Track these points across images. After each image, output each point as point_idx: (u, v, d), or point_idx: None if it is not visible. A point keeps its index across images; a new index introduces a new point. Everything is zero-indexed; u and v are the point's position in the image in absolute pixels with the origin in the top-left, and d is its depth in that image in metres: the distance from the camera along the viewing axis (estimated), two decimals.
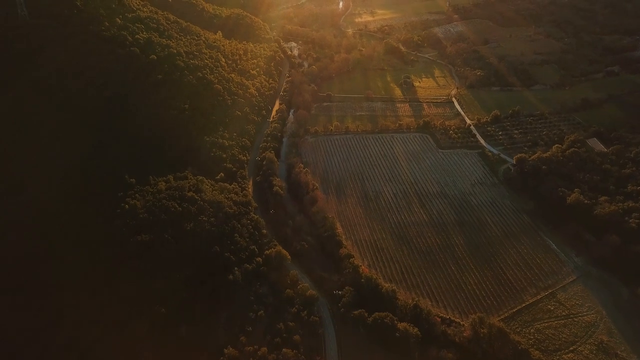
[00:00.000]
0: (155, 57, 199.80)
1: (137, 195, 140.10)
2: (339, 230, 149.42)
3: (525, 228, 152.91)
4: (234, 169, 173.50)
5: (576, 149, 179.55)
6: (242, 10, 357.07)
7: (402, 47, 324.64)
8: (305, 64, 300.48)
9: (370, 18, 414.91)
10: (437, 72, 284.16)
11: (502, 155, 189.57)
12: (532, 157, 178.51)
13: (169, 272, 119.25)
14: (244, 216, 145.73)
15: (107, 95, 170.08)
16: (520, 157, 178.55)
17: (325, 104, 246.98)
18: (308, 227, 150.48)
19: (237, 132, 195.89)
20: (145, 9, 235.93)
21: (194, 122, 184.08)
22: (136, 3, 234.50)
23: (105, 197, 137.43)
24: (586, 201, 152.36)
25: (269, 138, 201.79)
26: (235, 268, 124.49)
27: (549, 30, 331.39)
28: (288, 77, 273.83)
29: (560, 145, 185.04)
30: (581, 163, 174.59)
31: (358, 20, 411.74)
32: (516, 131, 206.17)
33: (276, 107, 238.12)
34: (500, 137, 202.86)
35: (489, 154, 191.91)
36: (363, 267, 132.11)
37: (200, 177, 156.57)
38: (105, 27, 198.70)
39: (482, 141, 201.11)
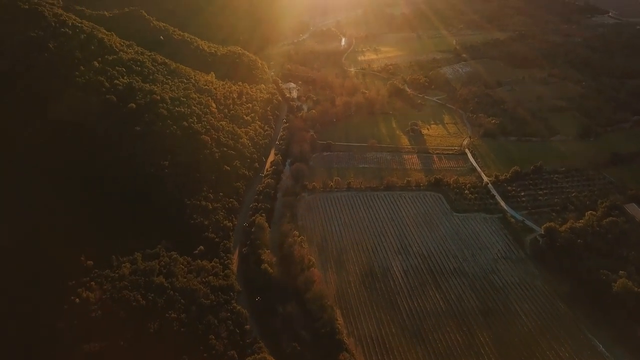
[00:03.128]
0: (134, 106, 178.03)
1: (93, 283, 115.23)
2: (340, 322, 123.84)
3: (562, 320, 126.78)
4: (217, 239, 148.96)
5: (614, 218, 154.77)
6: (240, 48, 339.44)
7: (407, 89, 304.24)
8: (305, 107, 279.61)
9: (374, 56, 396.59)
10: (446, 118, 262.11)
11: (527, 222, 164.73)
12: (563, 227, 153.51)
13: None
14: (223, 307, 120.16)
15: (71, 154, 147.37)
16: (550, 227, 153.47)
17: (325, 153, 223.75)
18: (302, 317, 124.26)
19: (224, 192, 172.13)
20: (129, 50, 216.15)
21: (173, 182, 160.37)
22: (119, 44, 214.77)
23: (54, 286, 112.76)
24: (636, 289, 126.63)
25: (261, 197, 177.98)
26: None
27: (564, 72, 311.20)
28: (285, 122, 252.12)
29: (594, 212, 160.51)
30: (622, 236, 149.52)
31: (361, 58, 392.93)
32: (540, 191, 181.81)
33: (271, 158, 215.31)
34: (523, 198, 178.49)
35: (512, 220, 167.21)
36: None
37: (175, 255, 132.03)
38: (80, 72, 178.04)
39: (502, 203, 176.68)
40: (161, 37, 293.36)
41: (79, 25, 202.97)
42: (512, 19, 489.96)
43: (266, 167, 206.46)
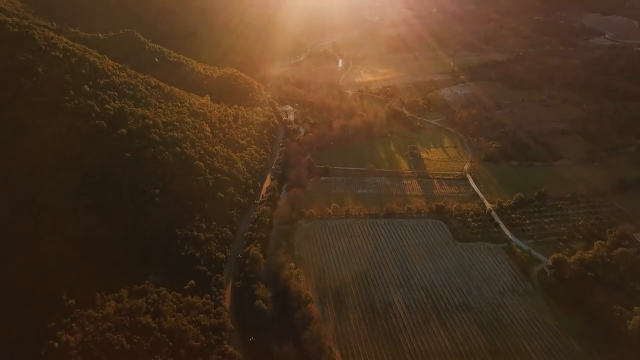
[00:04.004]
0: (125, 131, 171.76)
1: (74, 325, 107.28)
2: None
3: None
4: (209, 272, 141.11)
5: (625, 249, 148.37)
6: (236, 70, 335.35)
7: (406, 111, 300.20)
8: (302, 131, 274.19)
9: (371, 78, 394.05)
10: (446, 141, 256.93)
11: (534, 253, 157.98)
12: (572, 259, 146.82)
13: None
14: (214, 349, 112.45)
15: (55, 183, 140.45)
16: (558, 258, 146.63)
17: (322, 178, 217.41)
18: (299, 359, 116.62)
19: (218, 221, 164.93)
20: (122, 74, 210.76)
21: (164, 211, 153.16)
22: (112, 67, 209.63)
23: (31, 329, 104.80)
24: None
25: (256, 225, 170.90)
26: None
27: (564, 94, 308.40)
28: (282, 146, 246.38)
29: (603, 242, 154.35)
30: (634, 268, 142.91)
31: (358, 80, 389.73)
32: (546, 219, 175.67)
33: (267, 183, 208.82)
34: (528, 226, 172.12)
35: (518, 250, 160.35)
36: None
37: (163, 292, 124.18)
38: (69, 97, 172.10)
39: (507, 232, 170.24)
40: (156, 59, 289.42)
41: (71, 48, 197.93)
42: (508, 41, 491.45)
43: (262, 193, 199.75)
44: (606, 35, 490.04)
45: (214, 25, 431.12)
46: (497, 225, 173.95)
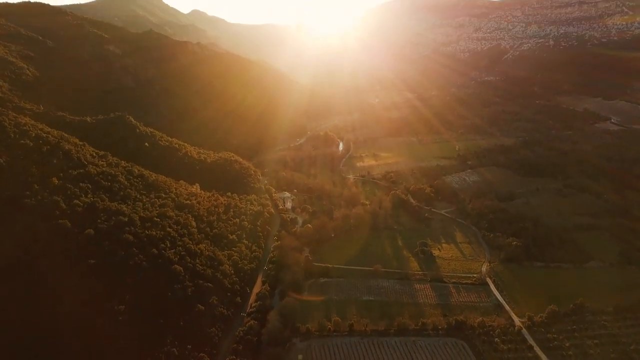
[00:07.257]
0: (92, 232, 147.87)
1: None
2: None
3: None
4: None
5: None
6: (232, 154, 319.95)
7: (412, 200, 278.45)
8: (300, 221, 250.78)
9: (373, 162, 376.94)
10: (459, 236, 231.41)
11: None
12: None
13: None
14: None
15: None
16: None
17: (322, 280, 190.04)
18: None
19: (194, 343, 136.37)
20: (101, 163, 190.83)
21: (127, 335, 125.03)
22: (90, 155, 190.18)
23: None
24: None
25: (240, 347, 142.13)
26: None
27: (580, 183, 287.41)
28: (277, 239, 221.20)
29: None
30: None
31: (360, 164, 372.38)
32: (589, 341, 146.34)
33: (257, 287, 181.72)
34: (569, 350, 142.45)
35: None
36: None
37: None
38: (32, 192, 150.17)
39: (544, 359, 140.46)
40: (146, 144, 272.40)
41: (44, 136, 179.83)
42: (512, 124, 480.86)
43: (250, 301, 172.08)
44: (612, 120, 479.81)
45: (213, 107, 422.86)
46: (530, 348, 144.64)
